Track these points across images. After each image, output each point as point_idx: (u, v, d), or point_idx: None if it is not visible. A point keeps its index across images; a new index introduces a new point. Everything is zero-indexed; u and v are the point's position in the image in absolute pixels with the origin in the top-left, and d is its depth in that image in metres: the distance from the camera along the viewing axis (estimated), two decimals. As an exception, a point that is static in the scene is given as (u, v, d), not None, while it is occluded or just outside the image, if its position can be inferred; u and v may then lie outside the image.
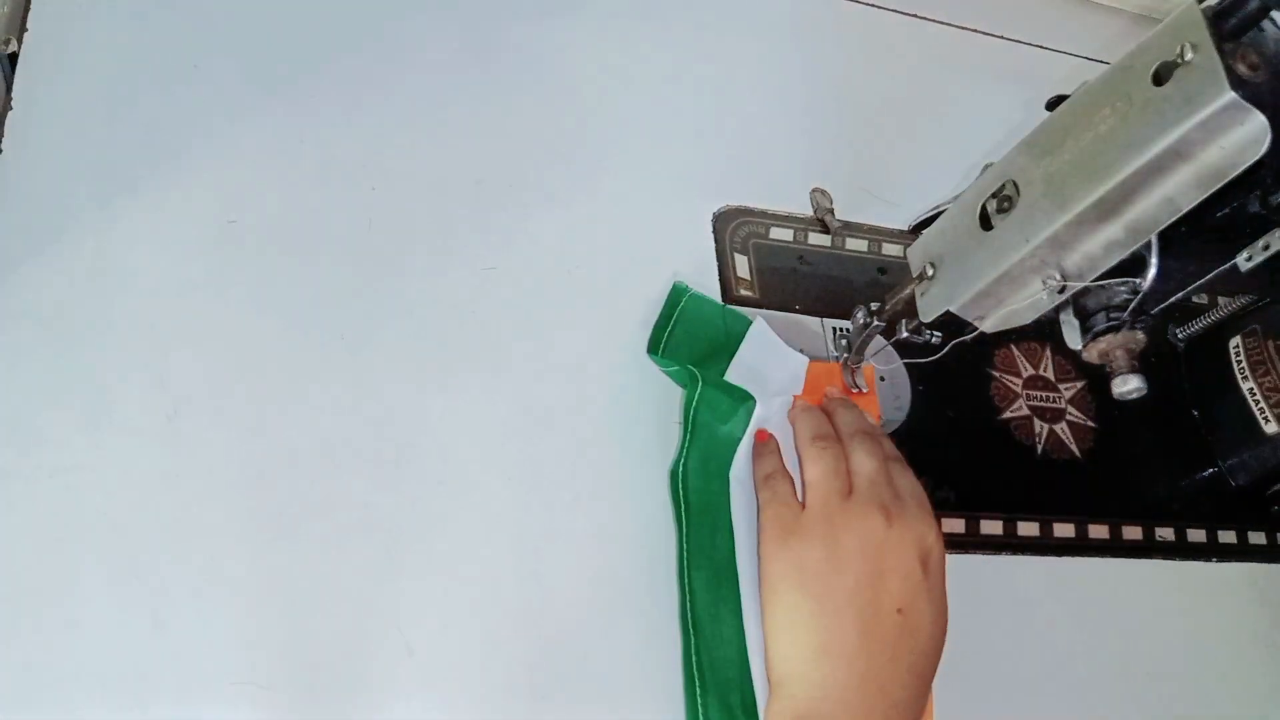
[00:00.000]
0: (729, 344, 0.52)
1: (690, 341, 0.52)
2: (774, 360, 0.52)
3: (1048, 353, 0.61)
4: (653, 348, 0.51)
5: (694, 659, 0.45)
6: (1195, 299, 0.65)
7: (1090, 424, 0.60)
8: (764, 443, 0.49)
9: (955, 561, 0.51)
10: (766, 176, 0.59)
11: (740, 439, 0.48)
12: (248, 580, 0.42)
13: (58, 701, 0.39)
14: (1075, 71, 0.71)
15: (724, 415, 0.49)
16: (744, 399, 0.48)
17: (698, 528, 0.47)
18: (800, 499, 0.46)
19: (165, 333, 0.45)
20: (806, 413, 0.49)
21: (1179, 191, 0.36)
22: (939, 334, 0.48)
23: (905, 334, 0.49)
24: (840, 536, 0.43)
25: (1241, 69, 0.34)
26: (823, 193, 0.57)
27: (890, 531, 0.44)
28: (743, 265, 0.56)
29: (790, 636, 0.43)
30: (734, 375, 0.51)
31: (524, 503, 0.47)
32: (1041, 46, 0.71)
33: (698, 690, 0.44)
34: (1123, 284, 0.41)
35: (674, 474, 0.49)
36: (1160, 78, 0.35)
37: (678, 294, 0.53)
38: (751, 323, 0.52)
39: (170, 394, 0.44)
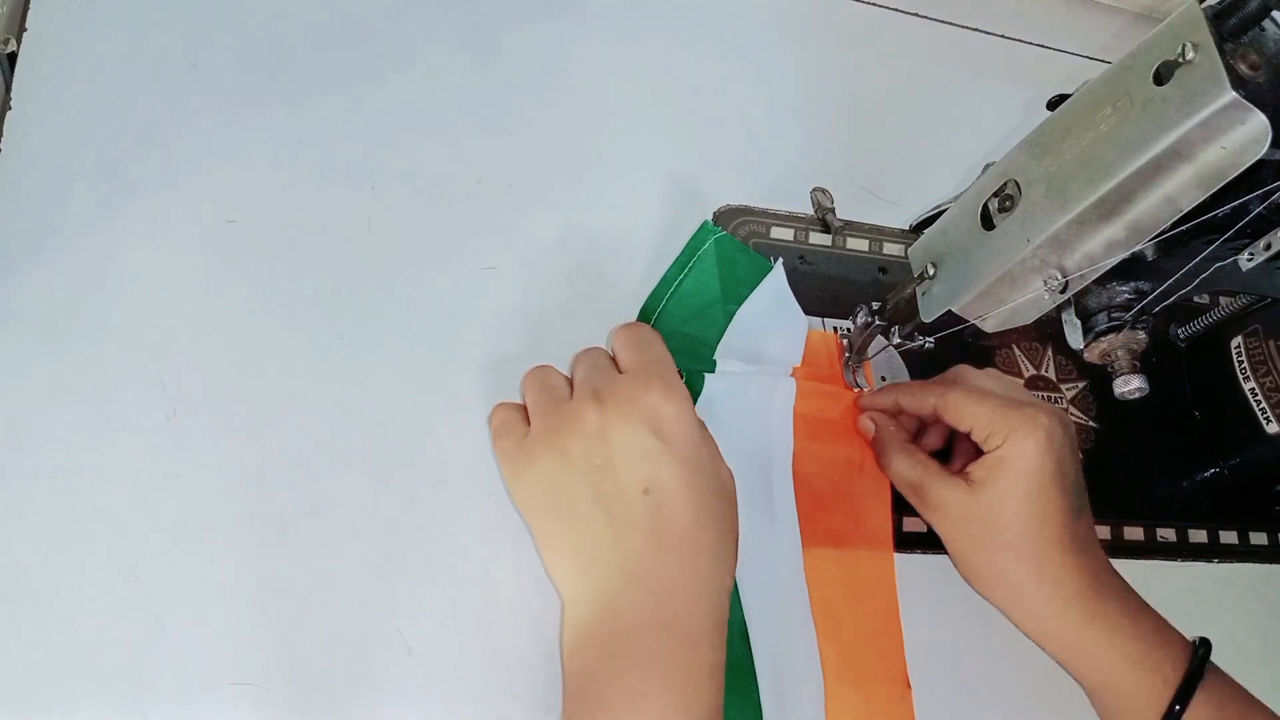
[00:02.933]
0: (738, 293, 0.52)
1: (698, 292, 0.52)
2: (779, 316, 0.53)
3: (1049, 353, 0.61)
4: (654, 301, 0.52)
5: None
6: (1196, 299, 0.65)
7: (1092, 424, 0.60)
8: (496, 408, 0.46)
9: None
10: (767, 176, 0.59)
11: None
12: (247, 580, 0.42)
13: (58, 701, 0.39)
14: (1076, 71, 0.71)
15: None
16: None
17: None
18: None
19: (165, 333, 0.45)
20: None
21: (1180, 191, 0.36)
22: (931, 340, 0.48)
23: (899, 339, 0.49)
24: (563, 443, 0.41)
25: (1242, 68, 0.34)
26: (823, 192, 0.57)
27: (607, 415, 0.40)
28: (743, 265, 0.56)
29: (557, 562, 0.42)
30: (735, 331, 0.51)
31: (524, 503, 0.47)
32: (1042, 46, 0.71)
33: None
34: (1124, 284, 0.41)
35: None
36: (1161, 77, 0.35)
37: (705, 234, 0.54)
38: (772, 267, 0.53)
39: (170, 394, 0.44)
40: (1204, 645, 0.45)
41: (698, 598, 0.39)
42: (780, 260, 0.54)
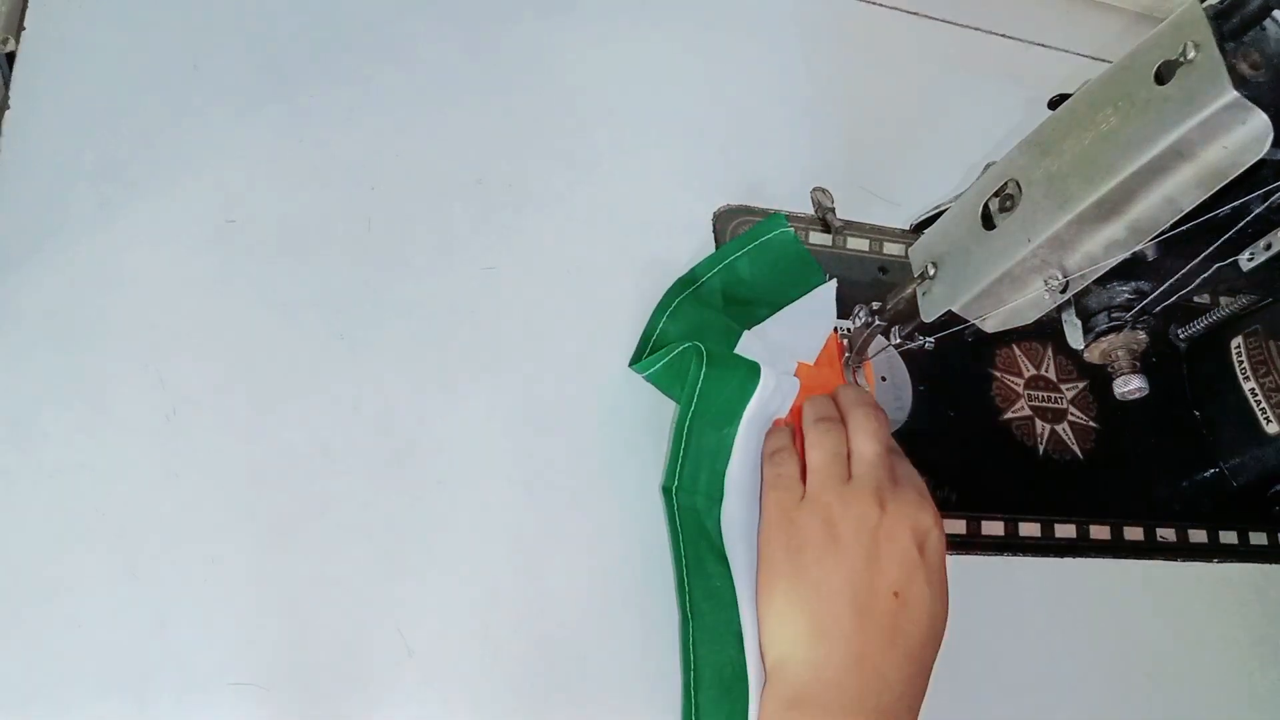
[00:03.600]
0: (784, 294, 0.54)
1: (748, 278, 0.54)
2: (814, 327, 0.54)
3: (1049, 353, 0.61)
4: (704, 269, 0.53)
5: (690, 648, 0.45)
6: (1196, 299, 0.65)
7: (1092, 424, 0.60)
8: (771, 434, 0.50)
9: (957, 562, 0.51)
10: (767, 176, 0.59)
11: (736, 436, 0.48)
12: (248, 580, 0.42)
13: (58, 701, 0.39)
14: (1077, 71, 0.71)
15: (719, 419, 0.49)
16: (746, 381, 0.49)
17: (692, 543, 0.47)
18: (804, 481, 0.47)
19: (165, 333, 0.45)
20: (813, 397, 0.50)
21: (1181, 191, 0.36)
22: (931, 340, 0.48)
23: (899, 339, 0.49)
24: (837, 521, 0.44)
25: (1243, 68, 0.34)
26: (824, 192, 0.57)
27: (885, 516, 0.44)
28: (743, 265, 0.56)
29: (785, 619, 0.43)
30: (771, 326, 0.53)
31: (523, 502, 0.47)
32: (1043, 45, 0.71)
33: (693, 680, 0.44)
34: (1124, 284, 0.41)
35: (667, 490, 0.48)
36: (1162, 77, 0.35)
37: (773, 224, 0.55)
38: (825, 280, 0.55)
39: (170, 394, 0.44)
40: None
41: (909, 698, 0.42)
42: (835, 280, 0.55)
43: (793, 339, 0.53)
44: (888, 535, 0.44)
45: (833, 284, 0.55)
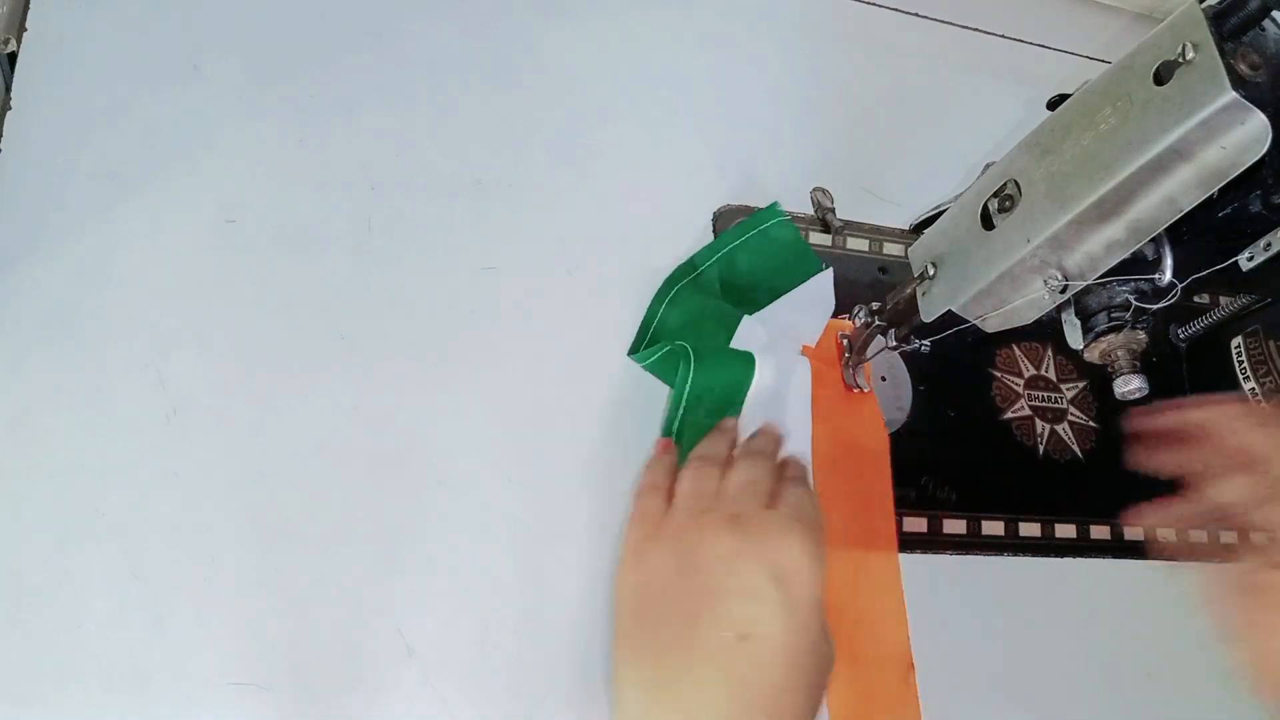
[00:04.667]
0: (782, 281, 0.55)
1: (745, 266, 0.54)
2: (814, 312, 0.54)
3: (1049, 353, 0.61)
4: (702, 257, 0.54)
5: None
6: (1196, 299, 0.65)
7: (1092, 424, 0.60)
8: (658, 455, 0.47)
9: (957, 562, 0.51)
10: (766, 176, 0.59)
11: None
12: (247, 580, 0.42)
13: (58, 701, 0.39)
14: (1076, 71, 0.71)
15: (714, 410, 0.49)
16: (742, 372, 0.49)
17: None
18: None
19: (165, 333, 0.45)
20: (710, 434, 0.47)
21: (1180, 191, 0.36)
22: (927, 343, 0.48)
23: (895, 342, 0.49)
24: (687, 552, 0.39)
25: (1242, 68, 0.34)
26: (824, 192, 0.57)
27: (739, 545, 0.39)
28: (743, 265, 0.56)
29: (627, 672, 0.39)
30: (770, 314, 0.53)
31: (523, 502, 0.47)
32: (1042, 46, 0.71)
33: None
34: (1124, 284, 0.41)
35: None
36: (1161, 77, 0.35)
37: (770, 214, 0.55)
38: (823, 268, 0.55)
39: (170, 394, 0.44)
40: None
41: None
42: (831, 269, 0.55)
43: (793, 323, 0.53)
44: (738, 569, 0.38)
45: (829, 272, 0.55)
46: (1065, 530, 0.56)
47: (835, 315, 0.55)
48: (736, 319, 0.52)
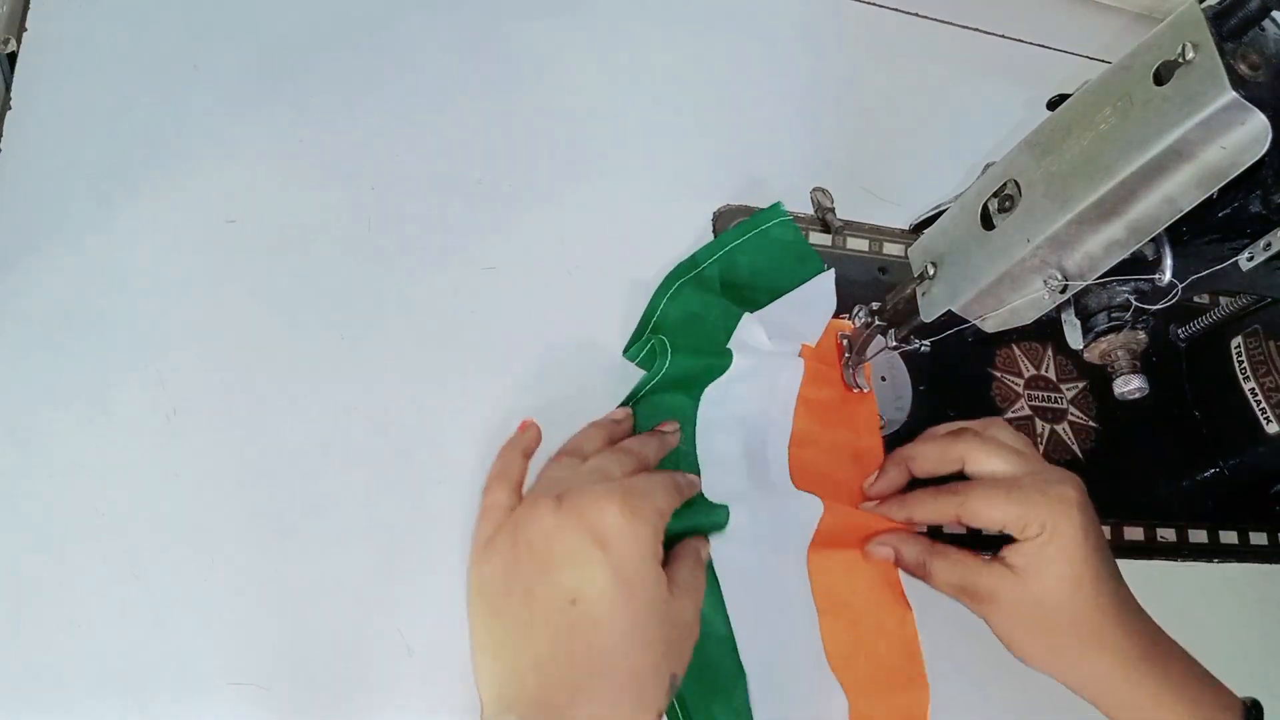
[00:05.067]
0: (783, 281, 0.54)
1: (747, 266, 0.54)
2: (815, 313, 0.54)
3: (1049, 353, 0.61)
4: (705, 254, 0.54)
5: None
6: (1196, 299, 0.65)
7: (1092, 424, 0.60)
8: (500, 452, 0.46)
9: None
10: (766, 175, 0.59)
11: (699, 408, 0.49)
12: (247, 580, 0.42)
13: (58, 701, 0.39)
14: (1076, 71, 0.71)
15: (679, 385, 0.49)
16: (714, 360, 0.49)
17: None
18: None
19: (165, 333, 0.45)
20: (586, 428, 0.47)
21: (1180, 191, 0.36)
22: (927, 343, 0.48)
23: (895, 342, 0.49)
24: (521, 534, 0.40)
25: (1242, 69, 0.34)
26: (823, 192, 0.57)
27: (558, 517, 0.39)
28: (743, 265, 0.56)
29: (483, 660, 0.40)
30: (771, 313, 0.53)
31: (524, 503, 0.47)
32: (1042, 46, 0.71)
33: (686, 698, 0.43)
34: (1124, 284, 0.41)
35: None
36: (1161, 77, 0.35)
37: (773, 214, 0.55)
38: (824, 269, 0.55)
39: (170, 394, 0.44)
40: (1256, 707, 0.45)
41: (629, 713, 0.37)
42: (832, 270, 0.55)
43: (794, 321, 0.53)
44: (560, 539, 0.39)
45: (831, 272, 0.55)
46: (1065, 530, 0.56)
47: (835, 315, 0.55)
48: (737, 316, 0.52)
